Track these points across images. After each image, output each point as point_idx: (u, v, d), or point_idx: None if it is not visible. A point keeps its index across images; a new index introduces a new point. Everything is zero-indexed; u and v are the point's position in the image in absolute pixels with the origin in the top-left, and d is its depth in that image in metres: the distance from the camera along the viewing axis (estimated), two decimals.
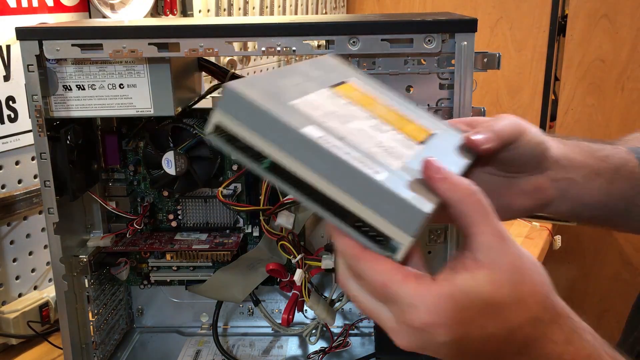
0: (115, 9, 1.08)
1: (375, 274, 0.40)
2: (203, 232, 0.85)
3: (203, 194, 0.85)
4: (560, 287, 0.70)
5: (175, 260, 0.83)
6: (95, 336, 0.81)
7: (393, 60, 0.65)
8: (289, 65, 1.07)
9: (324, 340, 0.90)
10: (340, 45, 0.63)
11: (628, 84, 1.73)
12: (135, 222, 0.83)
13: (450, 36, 0.63)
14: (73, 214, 0.78)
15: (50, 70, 0.67)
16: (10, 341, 0.91)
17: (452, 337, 0.39)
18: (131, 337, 0.92)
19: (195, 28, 0.64)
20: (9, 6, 0.90)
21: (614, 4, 1.69)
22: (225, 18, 1.36)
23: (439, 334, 0.39)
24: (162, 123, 0.79)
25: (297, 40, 0.63)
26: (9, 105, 0.91)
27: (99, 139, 0.80)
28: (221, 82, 0.80)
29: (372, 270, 0.40)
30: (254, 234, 0.86)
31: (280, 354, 0.88)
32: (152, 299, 0.93)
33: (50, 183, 0.68)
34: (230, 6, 1.43)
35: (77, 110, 0.69)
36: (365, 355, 0.86)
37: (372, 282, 0.40)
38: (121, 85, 0.68)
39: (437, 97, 0.66)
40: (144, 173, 0.83)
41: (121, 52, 0.64)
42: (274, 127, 0.38)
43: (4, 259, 0.93)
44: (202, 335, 0.92)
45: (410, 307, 0.39)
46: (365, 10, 2.06)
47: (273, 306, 0.93)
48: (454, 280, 0.40)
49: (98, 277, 0.82)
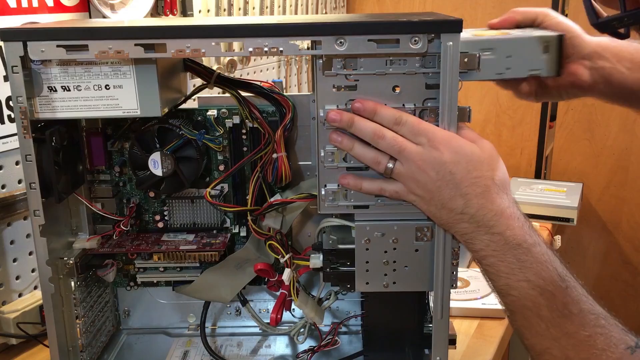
0: (115, 9, 1.08)
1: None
2: (190, 233, 0.85)
3: (190, 195, 0.85)
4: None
5: (162, 261, 0.83)
6: (82, 338, 0.80)
7: (378, 61, 0.65)
8: None
9: (313, 339, 0.90)
10: (327, 45, 0.63)
11: None
12: (121, 224, 0.83)
13: (436, 36, 0.63)
14: (59, 216, 0.78)
15: (35, 72, 0.66)
16: (10, 341, 0.92)
17: (450, 159, 0.63)
18: (118, 339, 0.91)
19: (181, 29, 0.64)
20: (9, 6, 0.90)
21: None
22: (214, 18, 1.36)
23: (446, 156, 0.63)
24: (148, 124, 0.78)
25: (284, 41, 0.63)
26: (9, 105, 0.91)
27: (84, 140, 0.80)
28: (207, 83, 0.80)
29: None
30: (241, 234, 0.86)
31: (269, 354, 0.88)
32: (139, 300, 0.92)
33: (35, 185, 0.67)
34: (231, 6, 1.43)
35: (62, 111, 0.68)
36: (354, 353, 0.86)
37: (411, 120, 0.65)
38: (107, 86, 0.68)
39: (424, 97, 0.66)
40: (130, 174, 0.83)
41: (107, 53, 0.64)
42: None
43: (4, 259, 0.93)
44: (189, 336, 0.92)
45: (436, 132, 0.64)
46: (365, 10, 2.06)
47: (261, 306, 0.93)
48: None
49: (84, 279, 0.82)
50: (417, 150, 0.64)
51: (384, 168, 0.66)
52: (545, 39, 0.66)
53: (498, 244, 0.64)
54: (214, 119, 0.80)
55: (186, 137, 0.78)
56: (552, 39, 0.67)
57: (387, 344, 0.84)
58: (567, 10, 1.77)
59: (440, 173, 0.63)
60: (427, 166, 0.63)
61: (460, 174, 0.63)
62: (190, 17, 1.27)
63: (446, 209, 0.65)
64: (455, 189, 0.63)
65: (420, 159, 0.64)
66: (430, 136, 0.64)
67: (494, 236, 0.64)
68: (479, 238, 0.64)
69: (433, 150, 0.63)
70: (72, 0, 1.00)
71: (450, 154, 0.63)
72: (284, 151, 0.78)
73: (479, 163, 0.64)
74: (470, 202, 0.63)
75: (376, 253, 0.71)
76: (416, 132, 0.64)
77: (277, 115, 0.79)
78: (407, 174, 0.65)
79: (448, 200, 0.64)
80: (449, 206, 0.64)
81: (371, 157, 0.66)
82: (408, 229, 0.70)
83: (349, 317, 0.92)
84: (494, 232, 0.64)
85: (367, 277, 0.72)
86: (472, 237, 0.65)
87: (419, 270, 0.72)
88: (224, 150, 0.82)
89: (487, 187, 0.64)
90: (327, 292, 0.88)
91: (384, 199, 0.69)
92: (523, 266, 0.63)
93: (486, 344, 0.95)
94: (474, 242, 0.65)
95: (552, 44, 0.67)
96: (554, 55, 0.68)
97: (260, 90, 0.79)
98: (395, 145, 0.64)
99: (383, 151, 0.66)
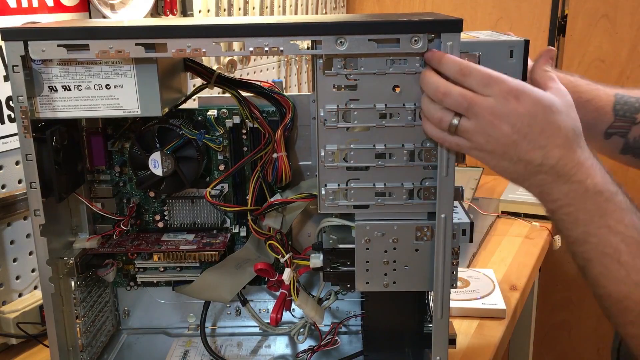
0: (115, 9, 1.08)
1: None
2: (190, 233, 0.85)
3: (190, 195, 0.85)
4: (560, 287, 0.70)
5: (162, 261, 0.83)
6: (82, 338, 0.80)
7: (379, 60, 0.65)
8: None
9: (313, 338, 0.90)
10: (327, 45, 0.64)
11: (628, 84, 1.73)
12: (122, 224, 0.83)
13: (436, 36, 0.63)
14: (59, 216, 0.78)
15: (36, 71, 0.66)
16: (10, 341, 0.92)
17: (527, 111, 0.60)
18: (118, 339, 0.91)
19: (182, 28, 0.64)
20: (9, 6, 0.90)
21: (613, 3, 1.70)
22: (214, 18, 1.36)
23: (522, 107, 0.60)
24: (148, 124, 0.78)
25: (285, 41, 0.63)
26: (9, 105, 0.91)
27: (84, 140, 0.80)
28: (207, 83, 0.80)
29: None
30: (241, 234, 0.86)
31: (269, 354, 0.88)
32: (139, 300, 0.92)
33: (36, 185, 0.67)
34: (230, 6, 1.43)
35: (63, 111, 0.68)
36: (354, 353, 0.86)
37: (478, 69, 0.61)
38: (108, 86, 0.68)
39: None
40: (130, 174, 0.83)
41: (108, 53, 0.64)
42: None
43: (4, 259, 0.93)
44: (189, 336, 0.92)
45: (507, 81, 0.60)
46: (365, 10, 2.05)
47: (261, 306, 0.93)
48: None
49: (84, 279, 0.82)
50: (488, 103, 0.60)
51: (447, 125, 0.62)
52: (511, 44, 0.65)
53: (578, 192, 0.61)
54: (214, 119, 0.80)
55: (186, 137, 0.78)
56: (518, 44, 0.65)
57: (387, 344, 0.84)
58: (567, 10, 1.77)
59: (517, 126, 0.60)
60: (500, 120, 0.60)
61: (539, 125, 0.60)
62: (190, 17, 1.27)
63: (523, 162, 0.61)
64: (534, 142, 0.60)
65: (491, 113, 0.60)
66: (503, 86, 0.60)
67: (574, 185, 0.61)
68: (558, 188, 0.62)
69: (506, 102, 0.60)
70: (72, 0, 1.01)
71: (527, 105, 0.60)
72: (284, 151, 0.78)
73: (558, 113, 0.61)
74: (550, 154, 0.61)
75: (376, 253, 0.71)
76: (486, 82, 0.60)
77: (277, 115, 0.80)
78: (475, 129, 0.61)
79: (525, 153, 0.61)
80: (526, 159, 0.61)
81: (434, 115, 0.63)
82: (408, 228, 0.71)
83: (349, 317, 0.92)
84: (574, 180, 0.61)
85: (367, 277, 0.72)
86: (550, 188, 0.62)
87: (419, 270, 0.72)
88: (224, 150, 0.82)
89: (567, 137, 0.61)
90: (327, 292, 0.88)
91: (384, 198, 0.69)
92: (604, 213, 0.61)
93: (486, 344, 0.95)
94: (552, 193, 0.62)
95: (517, 49, 0.65)
96: (519, 60, 0.66)
97: (261, 90, 0.79)
98: (464, 102, 0.61)
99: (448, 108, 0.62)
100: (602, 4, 1.71)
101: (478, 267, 1.19)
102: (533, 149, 0.61)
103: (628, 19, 1.70)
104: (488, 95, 0.60)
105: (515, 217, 1.45)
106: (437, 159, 0.67)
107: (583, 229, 0.62)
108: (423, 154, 0.68)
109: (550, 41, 1.79)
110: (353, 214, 0.71)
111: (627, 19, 1.70)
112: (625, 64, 1.73)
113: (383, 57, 0.65)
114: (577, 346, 1.96)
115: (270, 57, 1.61)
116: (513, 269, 1.19)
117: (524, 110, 0.60)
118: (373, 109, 0.67)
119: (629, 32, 1.71)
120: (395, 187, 0.69)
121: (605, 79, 1.75)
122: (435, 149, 0.67)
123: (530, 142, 0.60)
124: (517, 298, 1.08)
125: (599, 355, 1.93)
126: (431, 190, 0.69)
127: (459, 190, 0.69)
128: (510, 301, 1.06)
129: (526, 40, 0.65)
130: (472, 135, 0.62)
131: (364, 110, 0.67)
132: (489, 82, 0.60)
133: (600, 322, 1.89)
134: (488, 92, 0.60)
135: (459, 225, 0.70)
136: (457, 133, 0.63)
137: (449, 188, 0.67)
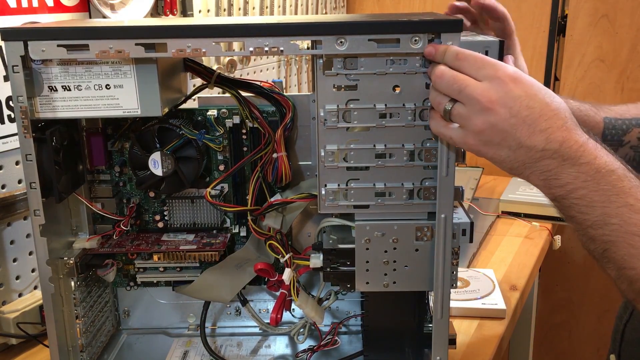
0: (115, 9, 1.08)
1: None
2: (190, 233, 0.85)
3: (190, 195, 0.85)
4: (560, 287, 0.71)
5: (162, 261, 0.83)
6: (82, 338, 0.80)
7: (379, 60, 0.65)
8: None
9: (312, 338, 0.90)
10: (327, 45, 0.64)
11: (628, 84, 1.74)
12: (122, 224, 0.83)
13: (436, 36, 0.63)
14: (59, 216, 0.78)
15: (36, 71, 0.66)
16: (10, 341, 0.92)
17: (525, 92, 0.58)
18: (118, 339, 0.91)
19: (182, 28, 0.64)
20: (9, 6, 0.90)
21: (613, 4, 1.70)
22: (214, 18, 1.36)
23: (519, 89, 0.58)
24: (148, 124, 0.78)
25: (285, 41, 0.64)
26: (9, 105, 0.91)
27: (84, 140, 0.80)
28: (207, 83, 0.80)
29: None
30: (241, 234, 0.86)
31: (269, 354, 0.88)
32: (139, 300, 0.92)
33: (36, 185, 0.68)
34: (230, 6, 1.43)
35: (63, 111, 0.68)
36: (353, 353, 0.86)
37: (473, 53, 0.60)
38: (107, 86, 0.68)
39: (424, 96, 0.66)
40: (130, 174, 0.83)
41: (108, 53, 0.64)
42: None
43: (4, 259, 0.93)
44: (189, 336, 0.92)
45: (503, 65, 0.60)
46: (365, 10, 2.05)
47: (261, 306, 0.93)
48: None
49: (84, 279, 0.82)
50: (481, 86, 0.59)
51: (442, 110, 0.61)
52: (486, 44, 0.64)
53: (588, 173, 0.59)
54: (214, 118, 0.80)
55: (186, 137, 0.78)
56: (493, 44, 0.64)
57: (387, 344, 0.84)
58: (567, 10, 1.77)
59: (514, 109, 0.58)
60: (495, 104, 0.58)
61: (539, 107, 0.58)
62: (190, 17, 1.27)
63: (524, 148, 0.59)
64: (534, 125, 0.58)
65: (485, 96, 0.58)
66: (498, 70, 0.59)
67: (582, 166, 0.59)
68: (566, 172, 0.59)
69: (502, 84, 0.58)
70: (72, 0, 1.01)
71: (524, 87, 0.58)
72: (284, 151, 0.78)
73: (552, 96, 0.60)
74: (553, 136, 0.58)
75: (376, 253, 0.71)
76: (479, 66, 0.59)
77: (277, 115, 0.80)
78: (468, 114, 0.60)
79: (526, 138, 0.59)
80: (527, 144, 0.59)
81: (432, 101, 0.63)
82: (408, 228, 0.71)
83: (349, 317, 0.92)
84: (582, 162, 0.59)
85: (367, 277, 0.72)
86: (557, 173, 0.60)
87: (419, 270, 0.72)
88: (224, 150, 0.82)
89: (566, 118, 0.59)
90: (327, 292, 0.88)
91: (384, 198, 0.69)
92: (620, 191, 0.58)
93: (486, 344, 0.95)
94: (559, 178, 0.60)
95: (492, 49, 0.65)
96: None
97: (261, 90, 0.79)
98: (454, 84, 0.60)
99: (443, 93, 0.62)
100: (602, 4, 1.71)
101: (478, 267, 1.19)
102: (534, 133, 0.58)
103: (628, 19, 1.70)
104: (482, 78, 0.59)
105: (515, 217, 1.45)
106: (437, 159, 0.67)
107: (601, 211, 0.59)
108: (423, 154, 0.68)
109: (550, 41, 1.79)
110: (353, 214, 0.71)
111: (627, 19, 1.70)
112: (625, 64, 1.73)
113: (383, 57, 0.65)
114: (577, 346, 1.96)
115: (270, 57, 1.61)
116: (513, 269, 1.20)
117: (521, 92, 0.58)
118: (373, 109, 0.67)
119: (629, 32, 1.70)
120: (395, 187, 0.69)
121: (605, 79, 1.75)
122: (435, 149, 0.67)
123: (530, 126, 0.58)
124: (517, 298, 1.08)
125: (599, 355, 1.93)
126: (431, 190, 0.69)
127: (459, 190, 0.69)
128: (510, 301, 1.06)
129: (501, 41, 0.64)
130: (466, 121, 0.60)
131: (364, 110, 0.67)
132: (482, 65, 0.59)
133: (601, 322, 1.89)
134: (482, 75, 0.59)
135: (459, 225, 0.70)
136: (452, 119, 0.61)
137: (449, 188, 0.67)
